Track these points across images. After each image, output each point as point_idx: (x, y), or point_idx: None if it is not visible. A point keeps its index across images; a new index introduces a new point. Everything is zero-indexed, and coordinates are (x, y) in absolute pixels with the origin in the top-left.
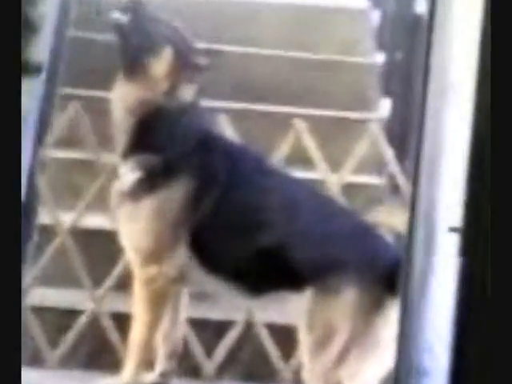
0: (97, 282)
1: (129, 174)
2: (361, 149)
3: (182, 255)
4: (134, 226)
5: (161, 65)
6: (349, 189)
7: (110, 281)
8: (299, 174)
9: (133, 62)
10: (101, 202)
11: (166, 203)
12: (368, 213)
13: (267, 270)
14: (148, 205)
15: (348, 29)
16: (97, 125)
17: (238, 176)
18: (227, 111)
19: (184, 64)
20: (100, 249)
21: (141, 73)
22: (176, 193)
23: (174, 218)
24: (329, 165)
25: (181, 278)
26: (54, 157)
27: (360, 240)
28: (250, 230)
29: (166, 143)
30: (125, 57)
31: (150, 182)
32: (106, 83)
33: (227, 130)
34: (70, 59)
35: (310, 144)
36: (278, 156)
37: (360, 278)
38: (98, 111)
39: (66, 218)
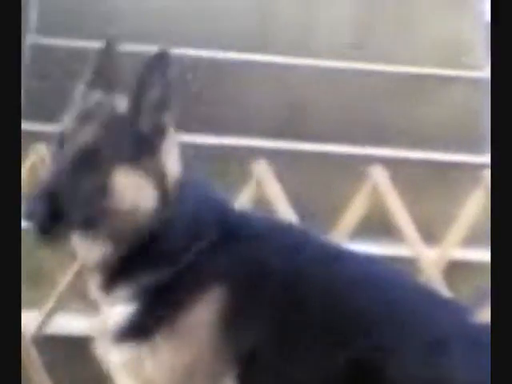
0: None
1: (120, 308)
2: (471, 209)
3: None
4: (145, 378)
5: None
6: (454, 270)
7: None
8: (379, 247)
9: (138, 148)
10: (79, 297)
11: (193, 334)
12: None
13: None
14: (165, 343)
15: (451, 26)
16: None
17: (298, 269)
18: (267, 154)
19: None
20: (78, 364)
21: (149, 158)
22: (206, 314)
23: (208, 355)
24: (423, 234)
25: None
26: None
27: (478, 352)
28: (328, 347)
29: (173, 245)
30: (127, 146)
31: (159, 309)
32: None
33: (268, 183)
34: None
35: (394, 202)
36: (345, 221)
37: None
38: None
39: (28, 321)
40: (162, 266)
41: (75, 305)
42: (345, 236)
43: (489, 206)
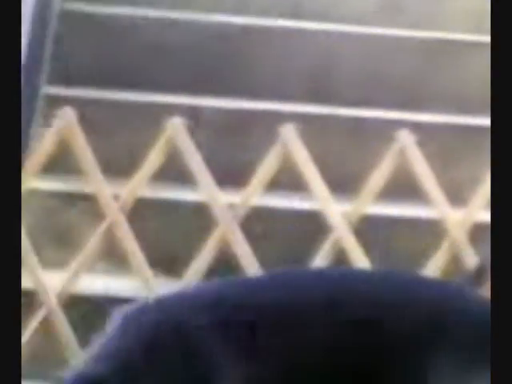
0: None
1: None
2: None
3: None
4: None
5: None
6: (479, 232)
7: None
8: (405, 210)
9: None
10: (106, 255)
11: None
12: None
13: None
14: None
15: None
16: (100, 141)
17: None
18: (294, 118)
19: None
20: (102, 323)
21: None
22: None
23: None
24: (450, 196)
25: None
26: (36, 188)
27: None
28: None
29: None
30: None
31: None
32: (111, 77)
33: (294, 146)
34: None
35: (420, 166)
36: (371, 184)
37: None
38: (100, 121)
39: (54, 281)
40: None
41: (101, 265)
42: (371, 198)
43: None
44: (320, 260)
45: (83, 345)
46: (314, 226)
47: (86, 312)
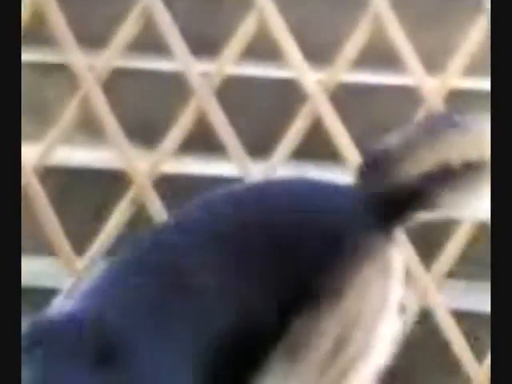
0: (78, 248)
1: None
2: (474, 37)
3: None
4: None
5: None
6: (455, 99)
7: (97, 246)
8: (380, 77)
9: None
10: (83, 127)
11: None
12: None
13: None
14: None
15: None
16: (74, 10)
17: None
18: None
19: None
20: (83, 195)
21: None
22: None
23: None
24: (425, 63)
25: None
26: None
27: None
28: None
29: None
30: None
31: None
32: None
33: (270, 13)
34: None
35: (396, 32)
36: (346, 52)
37: None
38: None
39: (31, 153)
40: None
41: (78, 137)
42: (347, 66)
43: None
44: (296, 129)
45: (59, 216)
46: (290, 94)
47: (64, 184)
